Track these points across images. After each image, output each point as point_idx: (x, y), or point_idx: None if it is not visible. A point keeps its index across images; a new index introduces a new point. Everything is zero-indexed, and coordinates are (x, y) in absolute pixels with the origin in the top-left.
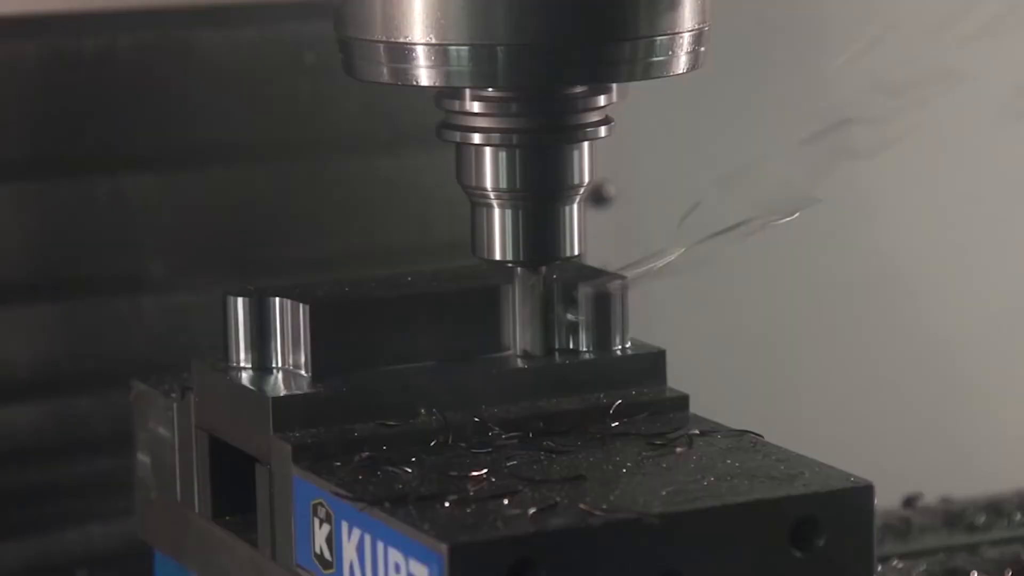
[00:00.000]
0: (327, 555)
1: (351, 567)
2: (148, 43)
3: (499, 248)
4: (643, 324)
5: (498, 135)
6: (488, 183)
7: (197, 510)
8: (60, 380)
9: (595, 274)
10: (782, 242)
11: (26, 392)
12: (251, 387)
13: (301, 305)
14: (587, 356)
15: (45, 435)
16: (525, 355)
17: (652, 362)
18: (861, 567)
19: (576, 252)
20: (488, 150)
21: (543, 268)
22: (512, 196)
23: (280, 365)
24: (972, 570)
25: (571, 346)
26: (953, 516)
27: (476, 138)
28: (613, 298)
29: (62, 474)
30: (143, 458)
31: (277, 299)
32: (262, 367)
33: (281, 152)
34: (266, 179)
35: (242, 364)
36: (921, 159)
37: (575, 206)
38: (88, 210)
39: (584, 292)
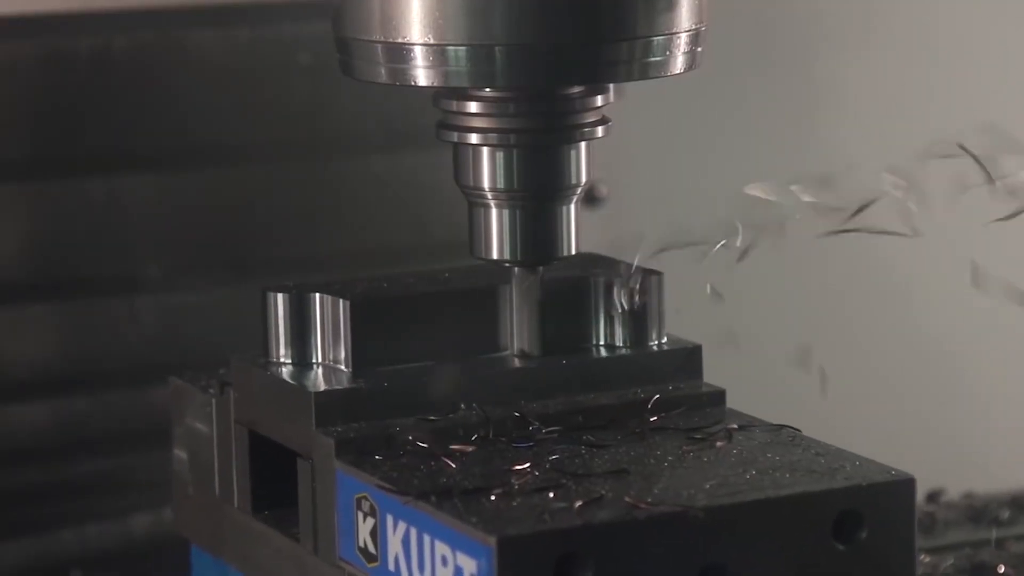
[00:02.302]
0: (371, 548)
1: (396, 560)
2: (144, 43)
3: (496, 248)
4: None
5: (496, 135)
6: (486, 183)
7: (236, 505)
8: (57, 380)
9: (628, 269)
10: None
11: (23, 392)
12: (292, 382)
13: (341, 301)
14: (624, 351)
15: (42, 435)
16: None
17: (688, 357)
18: (903, 560)
19: (573, 252)
20: (486, 150)
21: (540, 268)
22: (510, 196)
23: (320, 360)
24: (999, 564)
25: (607, 341)
26: (977, 511)
27: (474, 138)
28: (650, 293)
29: (59, 474)
30: (180, 453)
31: (317, 295)
32: (302, 362)
33: (277, 152)
34: (262, 179)
35: (282, 360)
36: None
37: (572, 206)
38: (84, 210)
39: (622, 285)
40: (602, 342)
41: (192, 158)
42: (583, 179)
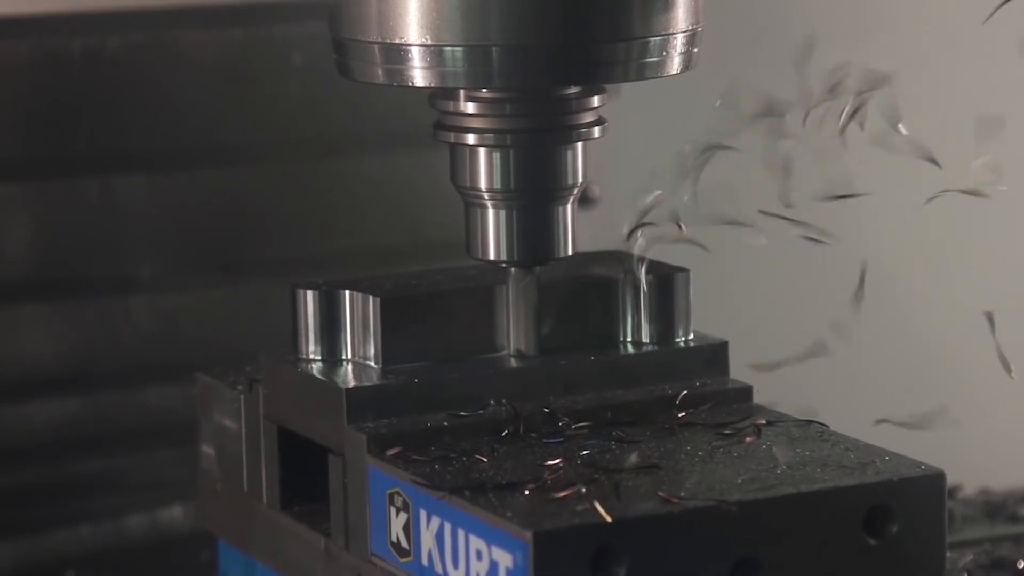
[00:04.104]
0: (404, 543)
1: (430, 555)
2: (137, 44)
3: (493, 248)
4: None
5: (492, 136)
6: (482, 183)
7: (265, 501)
8: (51, 381)
9: (654, 267)
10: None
11: (17, 393)
12: (323, 378)
13: (371, 297)
14: (651, 348)
15: (36, 435)
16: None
17: (715, 353)
18: (933, 554)
19: (570, 252)
20: (482, 151)
21: (537, 268)
22: (506, 196)
23: (349, 357)
24: (1019, 560)
25: (635, 338)
26: (994, 507)
27: (470, 139)
28: (676, 290)
29: (53, 474)
30: (207, 450)
31: (347, 292)
32: (331, 359)
33: (270, 153)
34: (256, 180)
35: (311, 356)
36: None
37: (568, 206)
38: (78, 211)
39: (649, 281)
40: (629, 339)
41: (186, 158)
42: (580, 179)
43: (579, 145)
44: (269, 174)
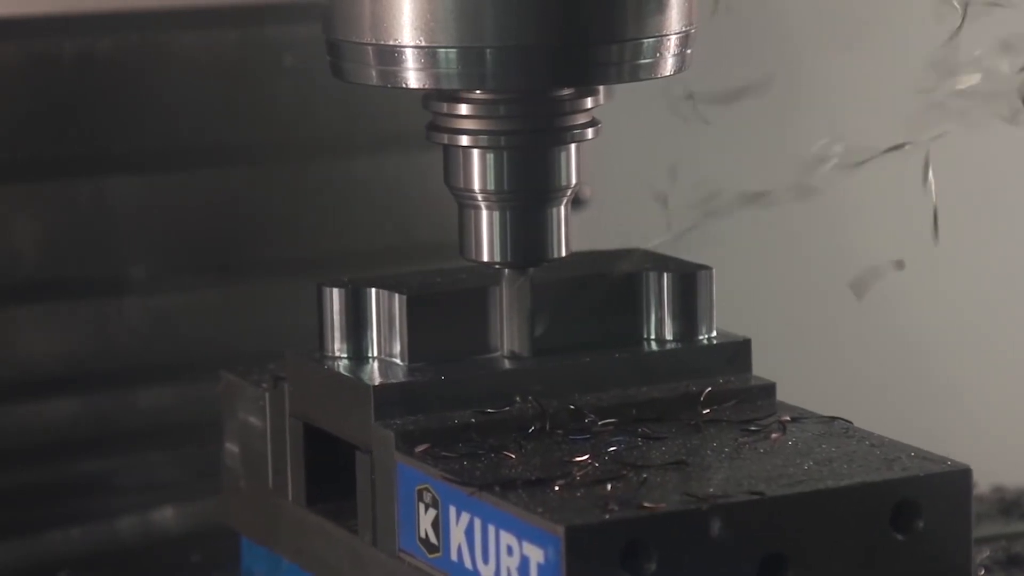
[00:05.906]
0: (433, 539)
1: (459, 550)
2: (129, 45)
3: (487, 250)
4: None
5: (486, 137)
6: (476, 185)
7: (291, 498)
8: (46, 382)
9: (677, 264)
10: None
11: (9, 395)
12: (350, 376)
13: (397, 295)
14: (674, 346)
15: (29, 436)
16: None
17: (737, 351)
18: (959, 549)
19: (563, 253)
20: (476, 152)
21: (530, 269)
22: (500, 198)
23: (376, 354)
24: None
25: (658, 336)
26: (1008, 504)
27: (464, 140)
28: (699, 288)
29: (47, 475)
30: (231, 447)
31: (373, 290)
32: (357, 357)
33: (262, 154)
34: (249, 181)
35: (337, 354)
36: None
37: (562, 207)
38: (72, 212)
39: (671, 279)
40: (652, 336)
41: (179, 160)
42: (573, 181)
43: (572, 146)
44: (262, 175)
